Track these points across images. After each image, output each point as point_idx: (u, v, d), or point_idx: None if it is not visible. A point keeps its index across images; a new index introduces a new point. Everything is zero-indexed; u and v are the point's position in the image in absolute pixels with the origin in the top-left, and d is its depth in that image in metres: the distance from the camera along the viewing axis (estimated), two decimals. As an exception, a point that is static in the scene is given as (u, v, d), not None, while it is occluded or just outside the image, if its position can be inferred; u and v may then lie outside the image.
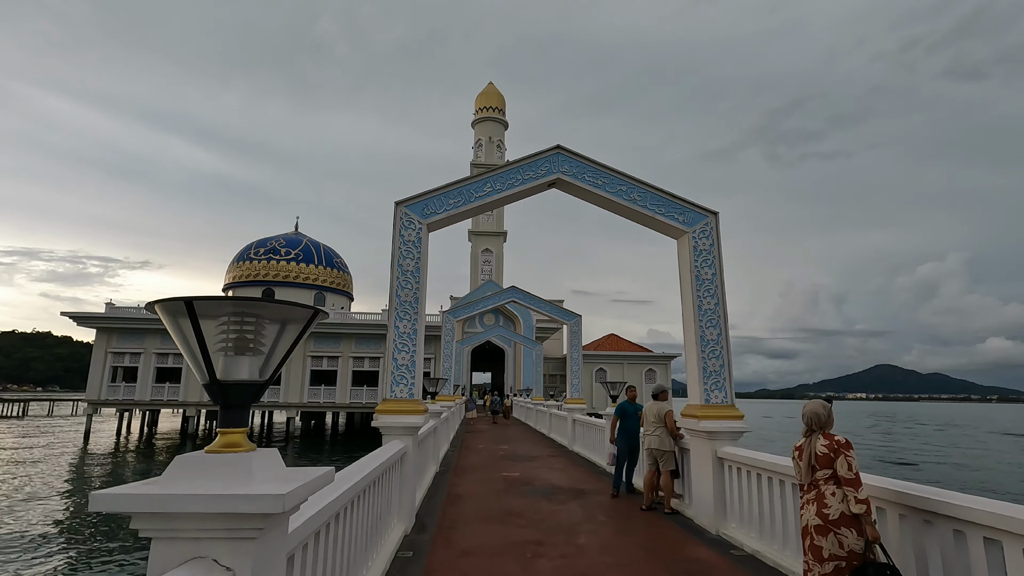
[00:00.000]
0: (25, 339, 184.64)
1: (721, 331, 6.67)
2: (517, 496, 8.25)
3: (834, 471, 3.18)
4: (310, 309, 2.00)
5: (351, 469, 3.93)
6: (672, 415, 7.42)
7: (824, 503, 3.16)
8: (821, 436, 3.30)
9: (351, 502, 3.55)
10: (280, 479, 1.83)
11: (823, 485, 3.21)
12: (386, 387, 6.31)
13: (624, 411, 8.56)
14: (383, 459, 4.74)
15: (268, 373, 1.99)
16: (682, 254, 7.07)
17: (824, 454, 3.22)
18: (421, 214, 6.73)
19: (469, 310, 16.79)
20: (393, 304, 6.48)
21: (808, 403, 3.42)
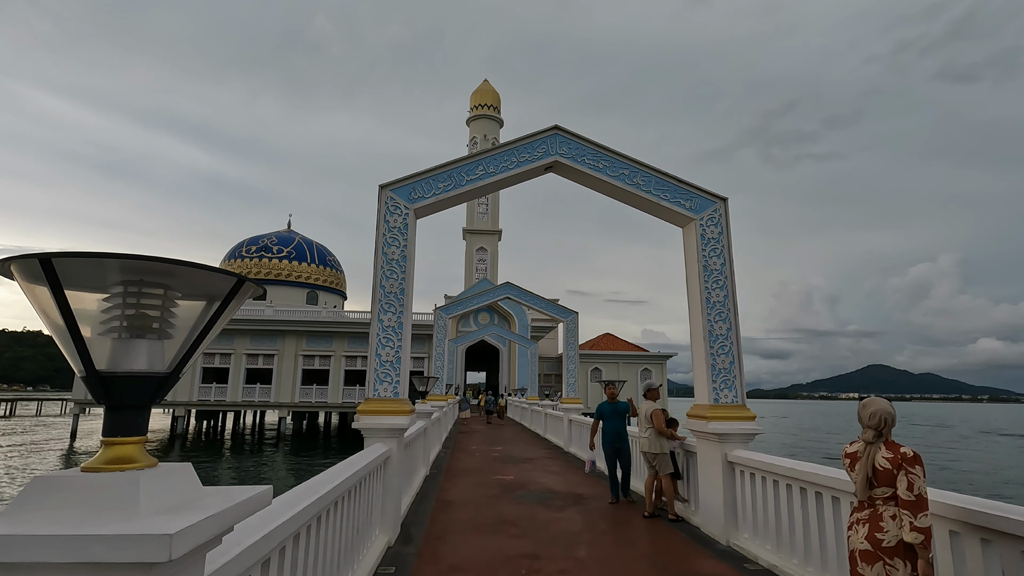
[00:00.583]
0: (15, 338, 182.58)
1: (731, 325, 6.20)
2: (511, 502, 7.76)
3: (894, 490, 2.60)
4: (233, 277, 1.49)
5: (320, 479, 3.43)
6: (661, 414, 6.96)
7: (879, 526, 2.61)
8: (883, 446, 2.67)
9: (318, 517, 3.05)
10: (179, 509, 1.33)
11: (881, 505, 2.64)
12: (369, 385, 5.80)
13: (601, 410, 8.00)
14: (361, 465, 4.23)
15: (176, 363, 1.49)
16: (688, 243, 6.59)
17: (885, 469, 2.62)
18: (408, 199, 6.23)
19: (462, 306, 16.30)
20: (377, 296, 5.97)
21: (871, 401, 2.80)
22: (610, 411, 7.85)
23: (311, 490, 2.98)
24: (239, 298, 1.55)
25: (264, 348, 43.89)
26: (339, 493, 3.43)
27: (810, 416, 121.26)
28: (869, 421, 2.78)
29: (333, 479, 3.41)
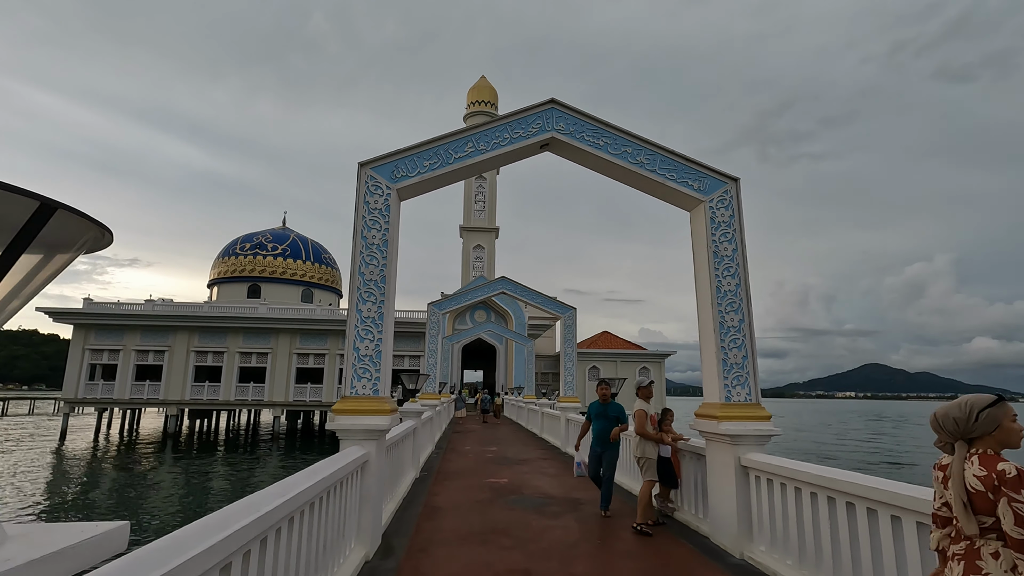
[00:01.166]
0: (10, 337, 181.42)
1: (744, 317, 5.67)
2: (504, 508, 7.22)
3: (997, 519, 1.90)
4: (35, 201, 0.95)
5: (272, 490, 2.89)
6: (642, 415, 6.42)
7: (975, 566, 1.93)
8: (978, 458, 1.99)
9: (263, 539, 2.51)
10: None
11: (979, 539, 1.95)
12: (345, 382, 5.26)
13: (590, 410, 7.25)
14: (326, 473, 3.68)
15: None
16: (696, 227, 6.06)
17: (978, 491, 1.93)
18: (390, 177, 5.67)
19: (457, 302, 15.73)
20: (355, 283, 5.42)
21: (965, 398, 2.10)
22: (598, 412, 7.06)
23: (251, 507, 2.43)
24: (59, 240, 1.00)
25: (258, 346, 43.25)
26: (292, 509, 2.88)
27: (807, 415, 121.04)
28: (934, 429, 2.15)
29: (285, 491, 2.87)
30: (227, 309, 44.60)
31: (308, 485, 3.16)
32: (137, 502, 19.74)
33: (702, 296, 5.91)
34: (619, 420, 6.89)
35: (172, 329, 42.43)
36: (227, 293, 54.37)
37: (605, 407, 7.01)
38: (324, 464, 4.03)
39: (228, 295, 53.91)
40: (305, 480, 3.30)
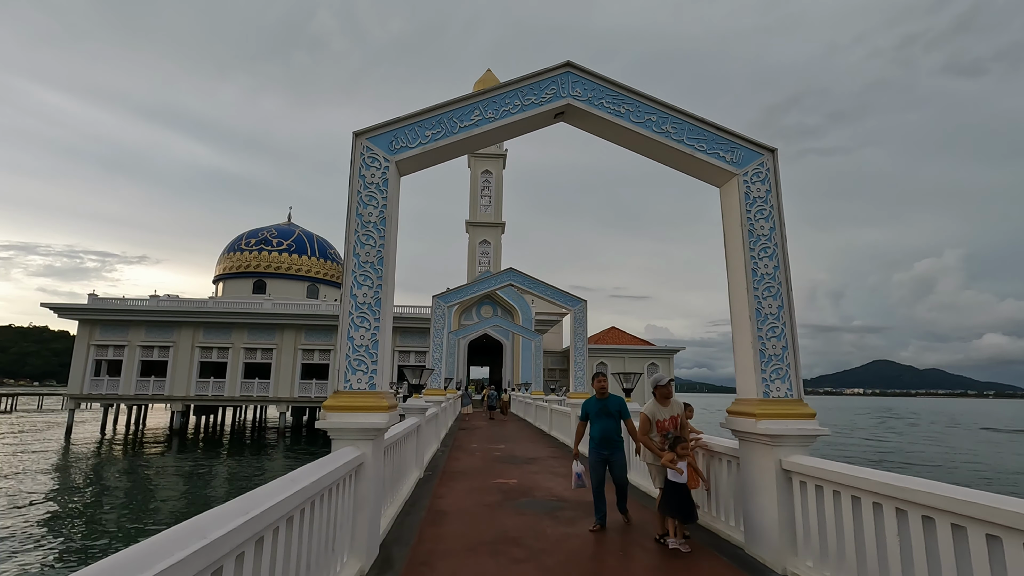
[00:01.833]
0: (21, 334, 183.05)
1: (783, 303, 5.07)
2: (513, 512, 6.67)
3: None
4: None
5: (234, 506, 2.34)
6: (645, 421, 5.60)
7: None
8: None
9: (239, 554, 1.97)
10: None
11: None
12: (338, 376, 4.71)
13: (587, 408, 6.18)
14: (309, 481, 3.14)
15: None
16: (729, 204, 5.46)
17: None
18: (388, 149, 5.11)
19: (462, 294, 15.19)
20: (349, 266, 4.87)
21: None
22: (598, 409, 6.04)
23: (195, 533, 1.88)
24: None
25: (262, 342, 42.97)
26: (260, 528, 2.33)
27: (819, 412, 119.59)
28: None
29: (249, 508, 2.31)
30: (232, 305, 44.32)
31: (280, 499, 2.61)
32: (138, 501, 19.39)
33: (735, 280, 5.31)
34: (622, 416, 6.08)
35: (177, 325, 42.22)
36: (232, 289, 54.15)
37: (604, 402, 6.07)
38: (308, 469, 3.49)
39: (233, 291, 53.69)
40: (280, 491, 2.75)
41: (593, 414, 6.09)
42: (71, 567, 12.39)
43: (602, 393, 6.12)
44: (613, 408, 6.05)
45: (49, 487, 21.19)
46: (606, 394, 6.12)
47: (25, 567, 12.33)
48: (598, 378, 6.23)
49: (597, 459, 5.99)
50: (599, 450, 5.99)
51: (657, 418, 5.62)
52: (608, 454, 5.96)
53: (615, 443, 5.97)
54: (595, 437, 6.01)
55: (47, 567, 12.45)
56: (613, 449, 5.95)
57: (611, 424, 5.99)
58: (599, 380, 6.22)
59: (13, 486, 20.91)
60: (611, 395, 6.16)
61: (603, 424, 6.02)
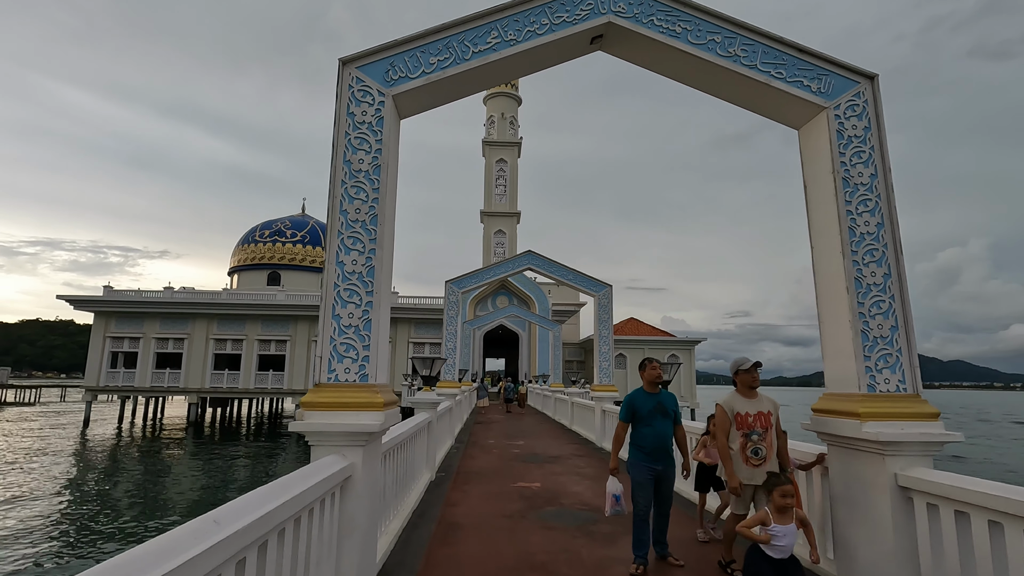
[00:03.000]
0: (48, 327, 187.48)
1: (890, 270, 3.94)
2: (539, 526, 5.65)
3: None
4: None
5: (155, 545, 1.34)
6: (725, 419, 4.08)
7: None
8: None
9: None
10: None
11: None
12: (320, 365, 3.71)
13: (635, 405, 4.57)
14: (263, 512, 2.13)
15: None
16: (814, 147, 4.32)
17: None
18: (383, 80, 4.07)
19: (478, 279, 14.19)
20: (335, 226, 3.86)
21: None
22: (651, 407, 4.50)
23: None
24: None
25: (277, 334, 42.54)
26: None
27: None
28: None
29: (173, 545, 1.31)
30: (245, 296, 43.96)
31: (210, 544, 1.60)
32: (153, 492, 18.86)
33: (823, 242, 4.19)
34: (678, 414, 4.70)
35: (191, 317, 41.96)
36: (247, 281, 53.94)
37: (658, 398, 4.56)
38: (269, 490, 2.49)
39: (248, 283, 53.48)
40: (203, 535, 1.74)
41: (644, 413, 4.53)
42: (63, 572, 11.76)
43: (655, 386, 4.64)
44: (671, 406, 4.61)
45: (63, 479, 20.81)
46: (659, 388, 4.65)
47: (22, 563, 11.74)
48: (651, 365, 4.65)
49: (646, 475, 4.45)
50: (650, 463, 4.46)
51: (736, 410, 4.09)
52: (662, 469, 4.49)
53: (670, 454, 4.56)
54: (645, 445, 4.49)
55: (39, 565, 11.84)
56: (668, 463, 4.53)
57: (668, 427, 4.57)
58: (652, 367, 4.64)
59: (26, 479, 20.56)
60: (665, 390, 4.72)
61: (657, 427, 4.51)
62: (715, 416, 4.25)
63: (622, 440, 4.72)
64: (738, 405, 4.09)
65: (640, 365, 4.76)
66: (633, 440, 4.59)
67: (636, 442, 4.57)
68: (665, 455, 4.51)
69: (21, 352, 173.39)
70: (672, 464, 4.57)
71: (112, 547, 12.98)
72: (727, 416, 4.09)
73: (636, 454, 4.55)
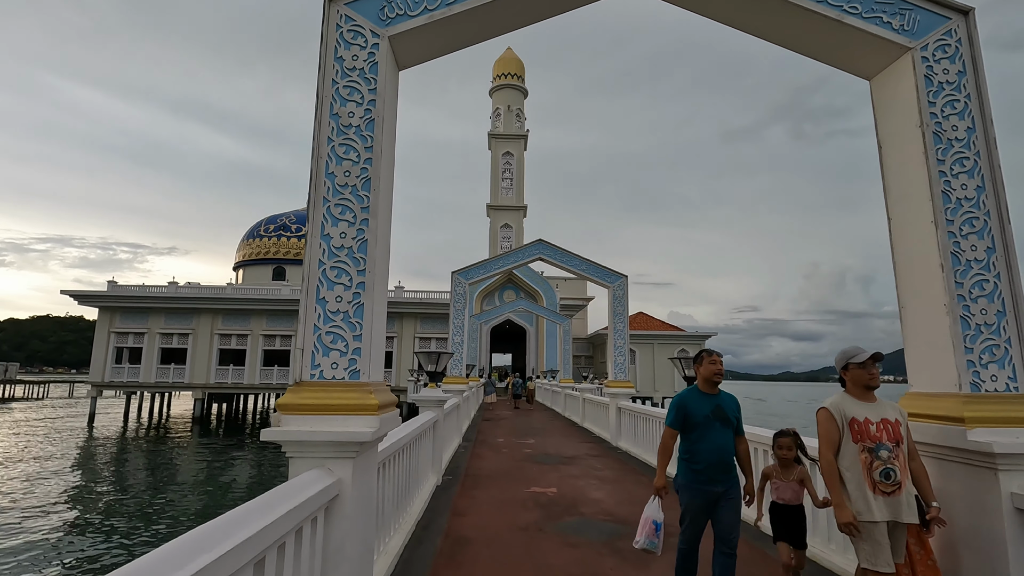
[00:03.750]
0: (59, 323, 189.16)
1: (994, 243, 3.24)
2: (559, 540, 5.00)
3: None
4: None
5: None
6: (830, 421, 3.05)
7: None
8: None
9: None
10: None
11: None
12: (301, 359, 3.07)
13: (687, 408, 3.53)
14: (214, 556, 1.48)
15: None
16: (892, 96, 3.62)
17: None
18: (378, 19, 3.40)
19: (485, 269, 13.55)
20: (319, 192, 3.21)
21: None
22: (709, 411, 3.50)
23: None
24: None
25: (282, 329, 42.12)
26: None
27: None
28: None
29: None
30: (250, 291, 43.56)
31: None
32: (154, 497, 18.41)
33: (905, 210, 3.49)
34: (738, 428, 3.60)
35: (196, 312, 41.62)
36: (252, 276, 53.59)
37: (717, 401, 3.54)
38: (221, 525, 1.84)
39: (253, 278, 53.13)
40: None
41: (699, 420, 3.47)
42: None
43: (713, 385, 3.59)
44: (732, 411, 3.57)
45: (66, 478, 20.42)
46: (716, 381, 3.57)
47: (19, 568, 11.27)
48: (709, 358, 3.61)
49: (699, 499, 3.41)
50: (706, 484, 3.41)
51: (850, 416, 2.99)
52: (722, 492, 3.42)
53: (733, 472, 3.52)
54: (698, 460, 3.44)
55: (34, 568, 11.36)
56: (730, 483, 3.47)
57: (728, 438, 3.51)
58: (711, 361, 3.59)
59: (27, 481, 20.18)
60: (724, 391, 3.63)
61: (715, 438, 3.46)
62: (819, 423, 3.08)
63: (670, 451, 3.63)
64: (853, 409, 3.00)
65: (695, 357, 3.76)
66: (684, 452, 3.58)
67: (687, 456, 3.54)
68: (725, 473, 3.46)
69: (33, 348, 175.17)
70: (736, 485, 3.50)
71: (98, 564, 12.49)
72: (836, 424, 2.99)
73: (686, 472, 3.51)
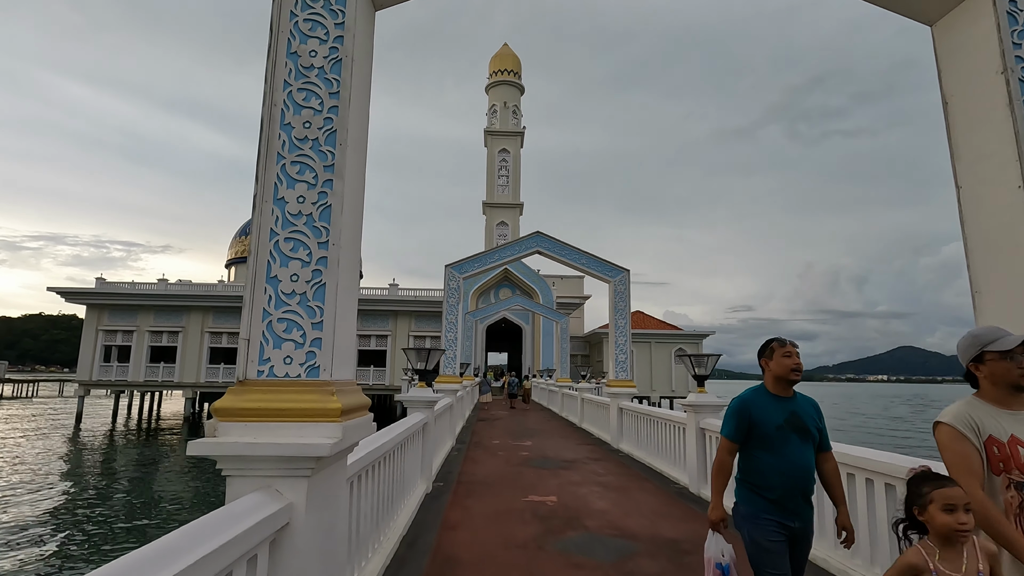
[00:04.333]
0: (51, 321, 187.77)
1: (1098, 211, 2.67)
2: (563, 562, 4.41)
3: None
4: None
5: None
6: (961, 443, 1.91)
7: None
8: None
9: None
10: None
11: None
12: (248, 352, 2.48)
13: (752, 415, 2.65)
14: None
15: None
16: (960, 41, 3.03)
17: None
18: (347, -60, 2.79)
19: (480, 263, 12.96)
20: (271, 146, 2.61)
21: None
22: (780, 420, 2.63)
23: None
24: None
25: (273, 327, 41.41)
26: None
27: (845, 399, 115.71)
28: None
29: None
30: (241, 288, 42.81)
31: None
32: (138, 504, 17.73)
33: (980, 175, 2.92)
34: (822, 440, 2.72)
35: (186, 309, 40.86)
36: (244, 273, 52.62)
37: (791, 404, 2.70)
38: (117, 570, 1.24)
39: (245, 275, 52.37)
40: None
41: (771, 431, 2.62)
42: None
43: (787, 385, 2.71)
44: (812, 419, 2.70)
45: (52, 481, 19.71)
46: (792, 390, 2.73)
47: None
48: (783, 348, 2.72)
49: (774, 535, 2.54)
50: (780, 516, 2.57)
51: (987, 433, 1.91)
52: (800, 528, 2.60)
53: (810, 500, 2.66)
54: (771, 485, 2.59)
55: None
56: (809, 516, 2.65)
57: (809, 455, 2.64)
58: (785, 352, 2.71)
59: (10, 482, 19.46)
60: (798, 392, 2.76)
61: (793, 455, 2.60)
62: (943, 447, 1.96)
63: (729, 470, 2.77)
64: (992, 423, 1.93)
65: (761, 349, 2.82)
66: (746, 474, 2.69)
67: (753, 479, 2.65)
68: (805, 502, 2.62)
69: (24, 346, 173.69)
70: (812, 518, 2.68)
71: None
72: (972, 445, 1.90)
73: (753, 499, 2.62)
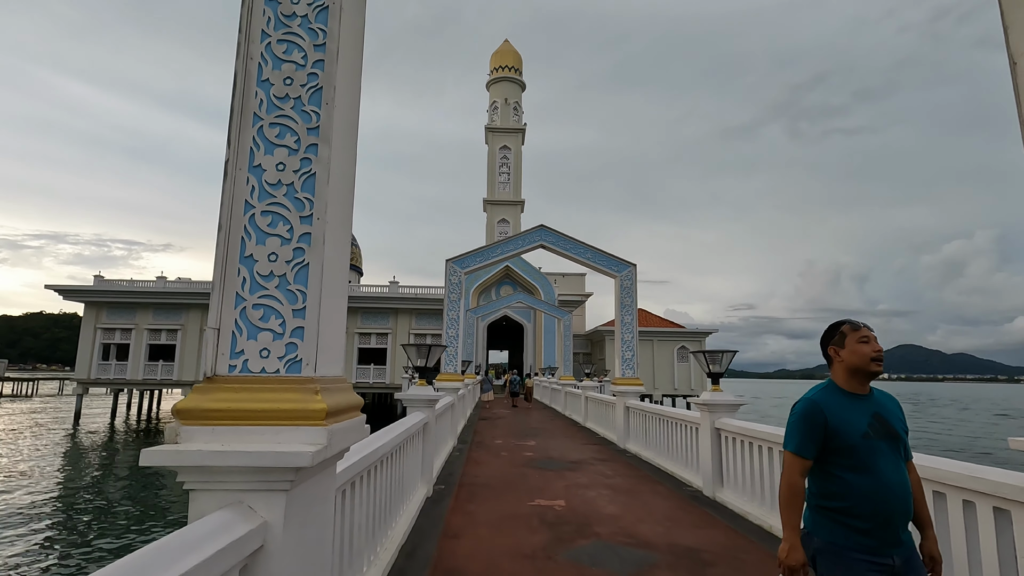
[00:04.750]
0: (53, 320, 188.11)
1: None
2: (574, 573, 4.06)
3: None
4: None
5: None
6: None
7: None
8: None
9: None
10: None
11: None
12: (217, 343, 2.11)
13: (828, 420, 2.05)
14: None
15: None
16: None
17: None
18: None
19: (482, 257, 12.60)
20: (248, 105, 2.25)
21: None
22: (864, 426, 2.03)
23: None
24: None
25: (273, 325, 41.11)
26: None
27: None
28: None
29: None
30: (241, 286, 42.51)
31: None
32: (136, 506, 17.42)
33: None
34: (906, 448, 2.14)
35: (185, 307, 40.53)
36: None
37: (872, 404, 2.12)
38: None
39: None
40: None
41: (854, 440, 2.02)
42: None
43: (864, 379, 2.13)
44: (899, 421, 2.13)
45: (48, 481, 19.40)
46: (870, 386, 2.17)
47: None
48: (857, 333, 2.16)
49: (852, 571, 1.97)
50: (877, 552, 1.97)
51: None
52: (901, 564, 1.98)
53: (907, 526, 2.06)
54: (860, 511, 1.98)
55: None
56: (911, 544, 2.05)
57: (903, 468, 2.06)
58: (861, 337, 2.14)
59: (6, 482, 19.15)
60: (875, 389, 2.17)
61: (888, 469, 2.00)
62: None
63: (803, 496, 2.13)
64: None
65: (827, 335, 2.25)
66: (823, 498, 2.10)
67: (834, 504, 2.06)
68: (906, 531, 2.04)
69: (26, 345, 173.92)
70: (914, 546, 2.09)
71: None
72: None
73: (835, 531, 2.03)
